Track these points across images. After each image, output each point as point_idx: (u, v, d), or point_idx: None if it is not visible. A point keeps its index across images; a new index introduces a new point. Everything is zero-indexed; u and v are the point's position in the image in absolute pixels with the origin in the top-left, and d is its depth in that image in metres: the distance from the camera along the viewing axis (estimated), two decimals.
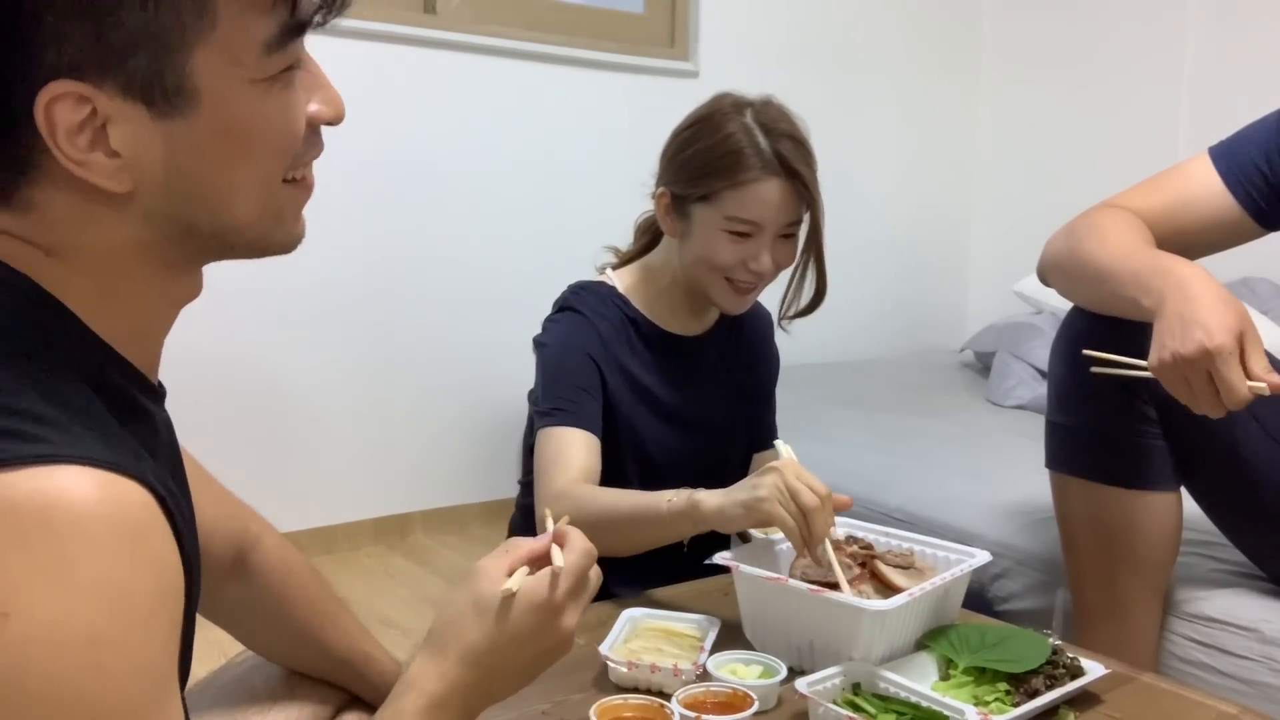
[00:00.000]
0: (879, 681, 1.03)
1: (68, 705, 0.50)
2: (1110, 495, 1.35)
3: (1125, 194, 1.39)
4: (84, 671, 0.50)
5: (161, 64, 0.58)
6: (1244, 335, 1.09)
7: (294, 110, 0.64)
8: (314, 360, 2.66)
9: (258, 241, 0.67)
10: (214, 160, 0.61)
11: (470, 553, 2.71)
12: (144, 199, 0.61)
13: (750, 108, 1.40)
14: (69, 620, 0.50)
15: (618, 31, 3.11)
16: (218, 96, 0.60)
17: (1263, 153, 1.32)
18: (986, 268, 3.92)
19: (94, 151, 0.58)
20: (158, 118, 0.59)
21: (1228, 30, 3.20)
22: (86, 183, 0.59)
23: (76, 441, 0.54)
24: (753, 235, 1.38)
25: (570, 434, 1.35)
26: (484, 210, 2.87)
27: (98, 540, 0.51)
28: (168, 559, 0.56)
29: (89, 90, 0.57)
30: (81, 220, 0.60)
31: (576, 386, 1.39)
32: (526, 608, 0.74)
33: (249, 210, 0.64)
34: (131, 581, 0.53)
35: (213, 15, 0.58)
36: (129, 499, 0.54)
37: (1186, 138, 3.26)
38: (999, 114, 3.87)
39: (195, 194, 0.62)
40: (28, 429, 0.52)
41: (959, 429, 2.47)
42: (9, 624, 0.49)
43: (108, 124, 0.58)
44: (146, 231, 0.62)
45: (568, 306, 1.47)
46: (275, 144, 0.64)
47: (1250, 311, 3.01)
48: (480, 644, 0.73)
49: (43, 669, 0.49)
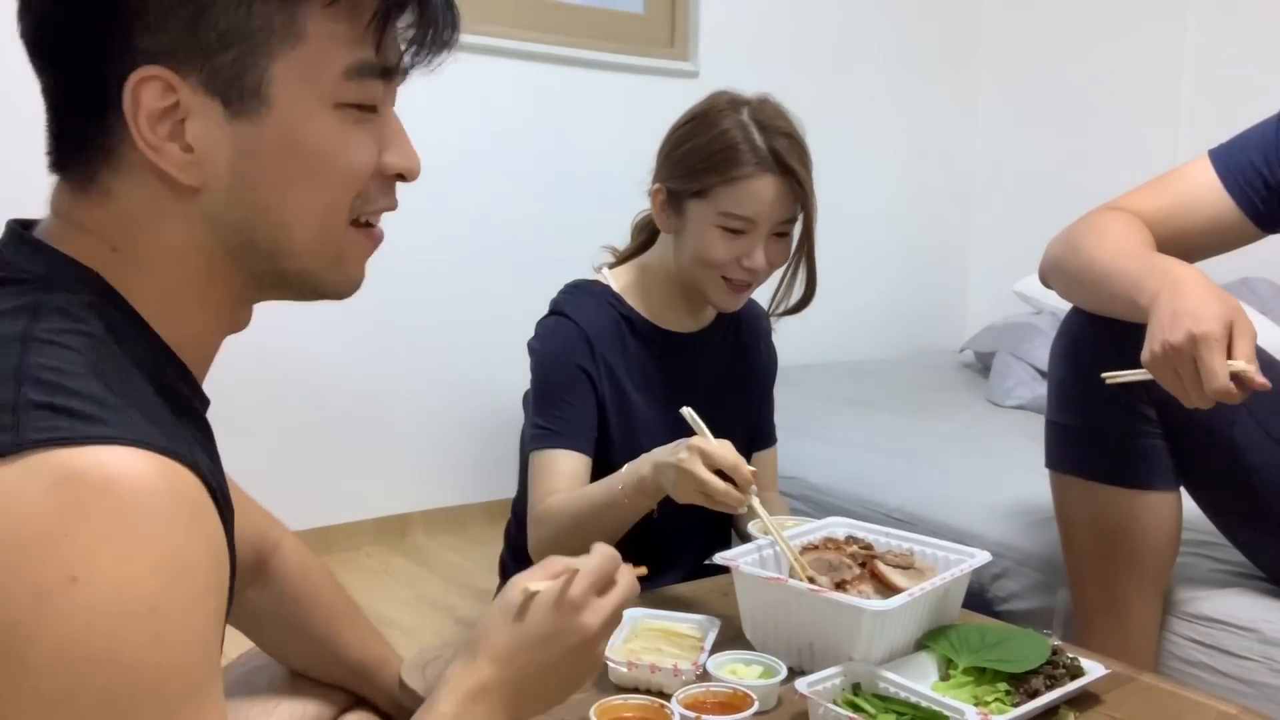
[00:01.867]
0: (879, 681, 1.03)
1: (128, 669, 0.52)
2: (1110, 495, 1.35)
3: (1127, 196, 1.39)
4: (144, 638, 0.53)
5: (245, 65, 0.61)
6: (1233, 325, 1.09)
7: (361, 147, 0.66)
8: (313, 360, 2.66)
9: (312, 276, 0.69)
10: (277, 173, 0.64)
11: (470, 553, 2.71)
12: (208, 200, 0.64)
13: (747, 105, 1.40)
14: (132, 588, 0.52)
15: (617, 31, 3.11)
16: (289, 107, 0.63)
17: (1262, 155, 1.32)
18: (986, 268, 3.91)
19: (170, 142, 0.62)
20: (231, 117, 0.62)
21: (1228, 31, 3.20)
22: (159, 176, 0.62)
23: (136, 427, 0.56)
24: (747, 232, 1.38)
25: (555, 456, 1.40)
26: (484, 210, 2.87)
27: (159, 515, 0.54)
28: (220, 541, 0.59)
29: (175, 79, 0.60)
30: (150, 215, 0.63)
31: (564, 401, 1.42)
32: (545, 605, 0.77)
33: (308, 238, 0.67)
34: (190, 556, 0.55)
35: (301, 31, 0.62)
36: (185, 481, 0.56)
37: (1186, 138, 3.26)
38: (999, 114, 3.87)
39: (256, 204, 0.64)
40: (91, 411, 0.55)
41: (959, 429, 2.46)
42: (76, 589, 0.51)
43: (186, 119, 0.61)
44: (208, 237, 0.65)
45: (559, 310, 1.48)
46: (338, 174, 0.66)
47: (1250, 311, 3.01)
48: (506, 642, 0.76)
49: (106, 633, 0.52)
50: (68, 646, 0.51)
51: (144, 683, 0.53)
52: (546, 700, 0.79)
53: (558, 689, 0.79)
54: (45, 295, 0.60)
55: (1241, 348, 1.09)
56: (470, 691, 0.74)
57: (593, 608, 0.78)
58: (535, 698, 0.77)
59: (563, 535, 1.35)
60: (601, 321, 1.46)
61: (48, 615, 0.51)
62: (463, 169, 2.82)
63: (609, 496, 1.29)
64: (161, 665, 0.54)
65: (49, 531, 0.51)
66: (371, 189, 0.69)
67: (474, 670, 0.75)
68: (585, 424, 1.42)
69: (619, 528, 1.32)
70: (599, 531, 1.31)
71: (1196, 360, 1.08)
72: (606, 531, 1.32)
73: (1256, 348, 1.38)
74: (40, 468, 0.52)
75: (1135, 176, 1.44)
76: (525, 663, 0.76)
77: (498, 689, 0.74)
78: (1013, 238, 3.75)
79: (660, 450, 1.24)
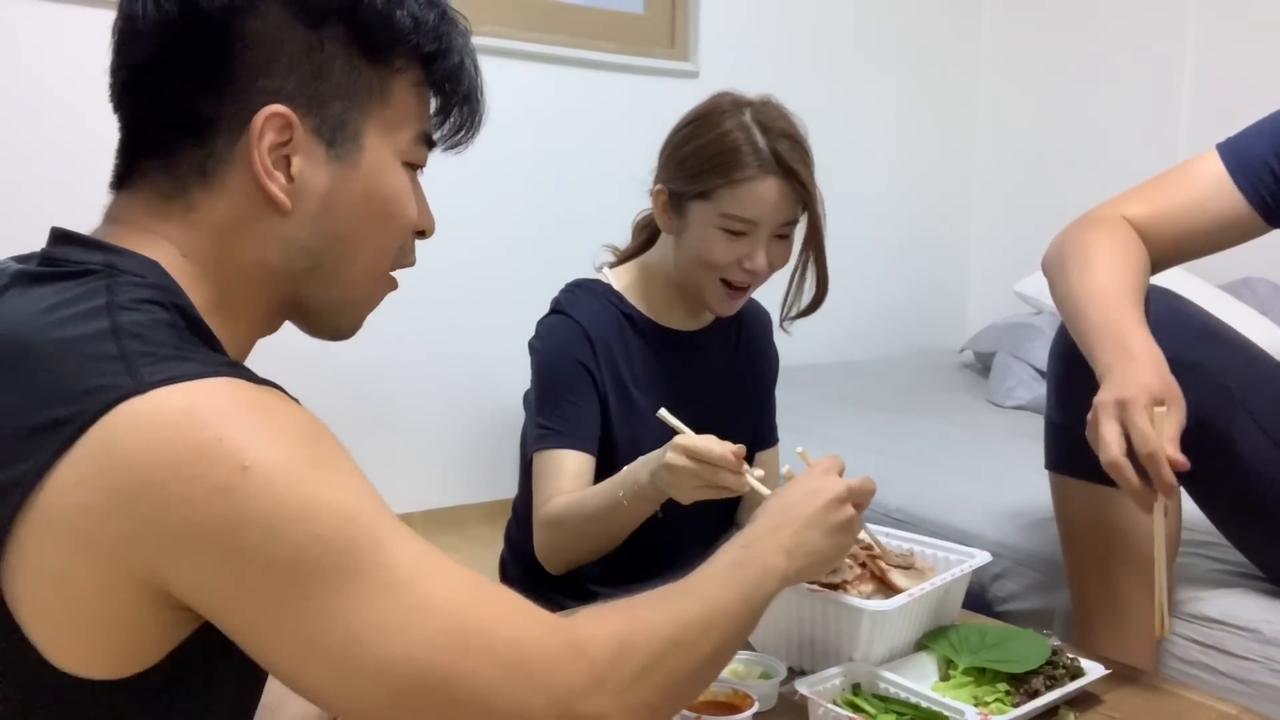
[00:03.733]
0: (879, 682, 1.03)
1: (324, 510, 0.62)
2: (1110, 495, 1.35)
3: (1133, 192, 1.39)
4: (321, 486, 0.62)
5: (350, 116, 0.74)
6: (1166, 400, 1.12)
7: (414, 203, 0.80)
8: (313, 360, 2.65)
9: (342, 308, 0.81)
10: (358, 212, 0.76)
11: (470, 553, 2.70)
12: (292, 225, 0.74)
13: (749, 107, 1.40)
14: (292, 458, 0.62)
15: (617, 31, 3.11)
16: (375, 156, 0.76)
17: (1273, 149, 1.32)
18: (986, 268, 3.91)
19: (277, 170, 0.72)
20: (333, 159, 0.74)
21: (1228, 28, 3.20)
22: (252, 198, 0.72)
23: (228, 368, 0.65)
24: (748, 234, 1.38)
25: (559, 457, 1.40)
26: (484, 210, 2.87)
27: (281, 406, 0.65)
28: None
29: (294, 119, 0.72)
30: (233, 230, 0.73)
31: (566, 400, 1.42)
32: (800, 477, 1.00)
33: (359, 272, 0.79)
34: (316, 426, 0.66)
35: (390, 98, 0.76)
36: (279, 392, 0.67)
37: (1186, 136, 3.26)
38: (999, 114, 3.87)
39: (335, 234, 0.76)
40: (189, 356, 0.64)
41: (959, 429, 2.46)
42: (251, 474, 0.60)
43: (294, 155, 0.73)
44: (281, 256, 0.75)
45: (560, 309, 1.47)
46: (399, 221, 0.79)
47: (1250, 311, 2.99)
48: (773, 503, 0.96)
49: (292, 494, 0.61)
50: (270, 517, 0.60)
51: (343, 516, 0.62)
52: (817, 552, 0.94)
53: (824, 543, 0.94)
54: (115, 279, 0.67)
55: (1170, 427, 1.12)
56: (748, 540, 0.89)
57: (834, 478, 0.99)
58: (807, 546, 0.92)
59: (568, 540, 1.36)
60: (603, 320, 1.46)
61: (239, 502, 0.60)
62: (463, 169, 2.81)
63: (611, 502, 1.29)
64: (346, 500, 0.63)
65: (203, 440, 0.60)
66: (407, 243, 0.82)
67: (754, 527, 0.92)
68: (588, 423, 1.42)
69: (623, 531, 1.33)
70: (604, 535, 1.35)
71: (1126, 425, 1.11)
72: (611, 535, 1.34)
73: (1258, 348, 1.39)
74: (167, 400, 0.60)
75: (1135, 175, 1.44)
76: (793, 516, 0.93)
77: (773, 534, 0.91)
78: (1013, 238, 3.75)
79: (651, 456, 1.24)
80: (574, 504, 1.35)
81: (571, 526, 1.34)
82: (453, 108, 0.80)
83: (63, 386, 0.61)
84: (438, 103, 0.80)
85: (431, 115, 0.80)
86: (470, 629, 0.65)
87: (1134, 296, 1.26)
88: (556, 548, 1.39)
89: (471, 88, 0.81)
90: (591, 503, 1.33)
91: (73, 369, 0.62)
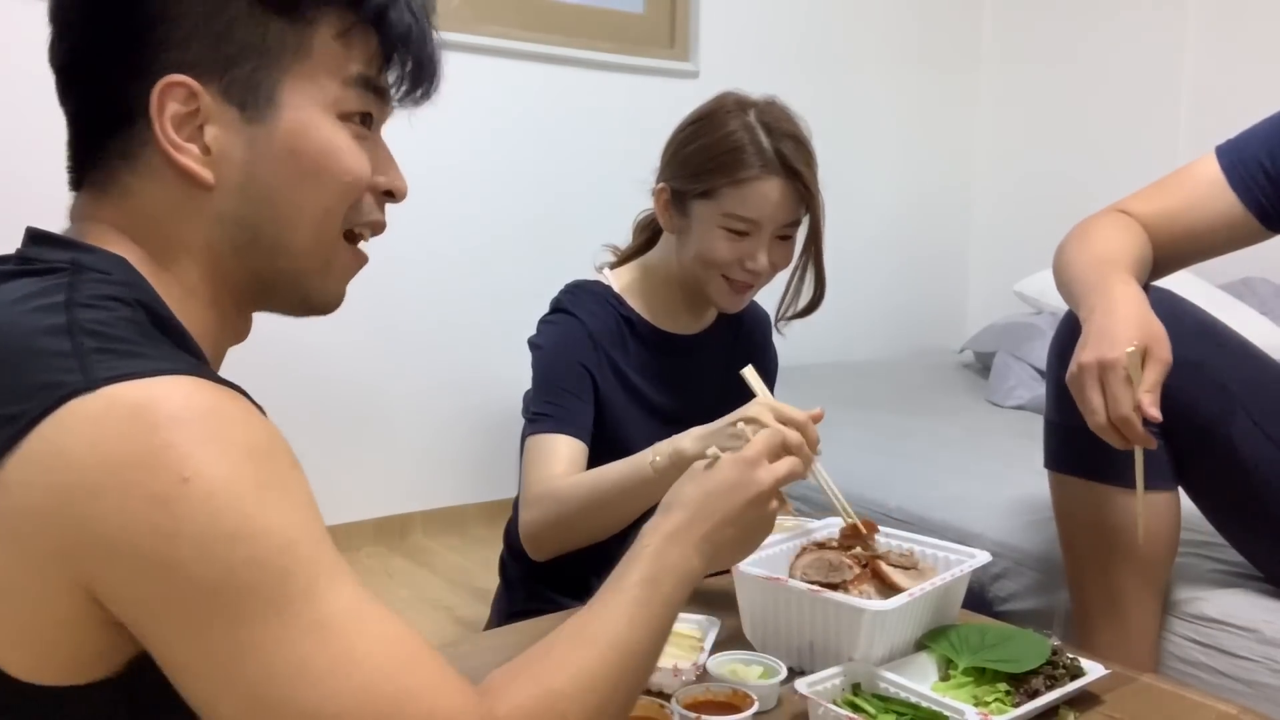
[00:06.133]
0: (879, 682, 1.03)
1: (261, 535, 0.59)
2: (1109, 495, 1.35)
3: (1135, 196, 1.40)
4: (263, 508, 0.60)
5: (260, 75, 0.71)
6: (1148, 352, 1.13)
7: (357, 156, 0.75)
8: (313, 361, 2.66)
9: (303, 279, 0.76)
10: (285, 174, 0.72)
11: (470, 553, 2.71)
12: (221, 198, 0.72)
13: (753, 107, 1.40)
14: (237, 474, 0.59)
15: (617, 31, 3.11)
16: (297, 112, 0.72)
17: (1267, 151, 1.32)
18: (986, 268, 3.92)
19: (191, 143, 0.70)
20: (247, 122, 0.71)
21: (1228, 28, 3.20)
22: (177, 175, 0.70)
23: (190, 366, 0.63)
24: (750, 233, 1.38)
25: (554, 440, 1.36)
26: (484, 209, 2.87)
27: (236, 415, 0.62)
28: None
29: (198, 87, 0.69)
30: (167, 211, 0.71)
31: (565, 391, 1.40)
32: (726, 462, 0.90)
33: (304, 238, 0.74)
34: (271, 443, 0.63)
35: (309, 48, 0.72)
36: (242, 399, 0.64)
37: (1186, 137, 3.26)
38: (999, 114, 3.87)
39: (264, 200, 0.72)
40: (145, 352, 0.62)
41: (959, 429, 2.46)
42: (191, 486, 0.58)
43: (206, 124, 0.70)
44: (218, 234, 0.72)
45: (561, 308, 1.47)
46: (336, 176, 0.74)
47: (1250, 311, 2.98)
48: (694, 493, 0.88)
49: (231, 512, 0.58)
50: (204, 534, 0.58)
51: (280, 544, 0.60)
52: (731, 549, 0.89)
53: (740, 540, 0.90)
54: (78, 276, 0.66)
55: (1148, 376, 1.12)
56: (668, 534, 0.84)
57: (766, 467, 0.91)
58: (722, 544, 0.87)
59: (569, 517, 1.30)
60: (603, 321, 1.46)
61: (175, 513, 0.57)
62: (463, 169, 2.82)
63: (636, 474, 1.24)
64: (286, 527, 0.60)
65: (148, 446, 0.57)
66: (365, 202, 0.77)
67: (669, 517, 0.86)
68: (584, 416, 1.40)
69: (636, 509, 1.27)
70: (613, 514, 1.29)
71: (1104, 385, 1.13)
72: (621, 514, 1.28)
73: (1258, 348, 1.39)
74: (118, 398, 0.58)
75: (1135, 176, 1.44)
76: (711, 510, 0.86)
77: (689, 531, 0.85)
78: (1013, 238, 3.75)
79: (712, 425, 1.21)
80: (583, 479, 1.30)
81: (576, 502, 1.29)
82: (391, 51, 0.75)
83: (15, 384, 0.59)
84: (375, 46, 0.75)
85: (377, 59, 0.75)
86: (389, 694, 0.62)
87: (1126, 261, 1.27)
88: (551, 525, 1.32)
89: (406, 28, 0.75)
90: (609, 476, 1.27)
91: (26, 366, 0.60)
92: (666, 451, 1.23)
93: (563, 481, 1.32)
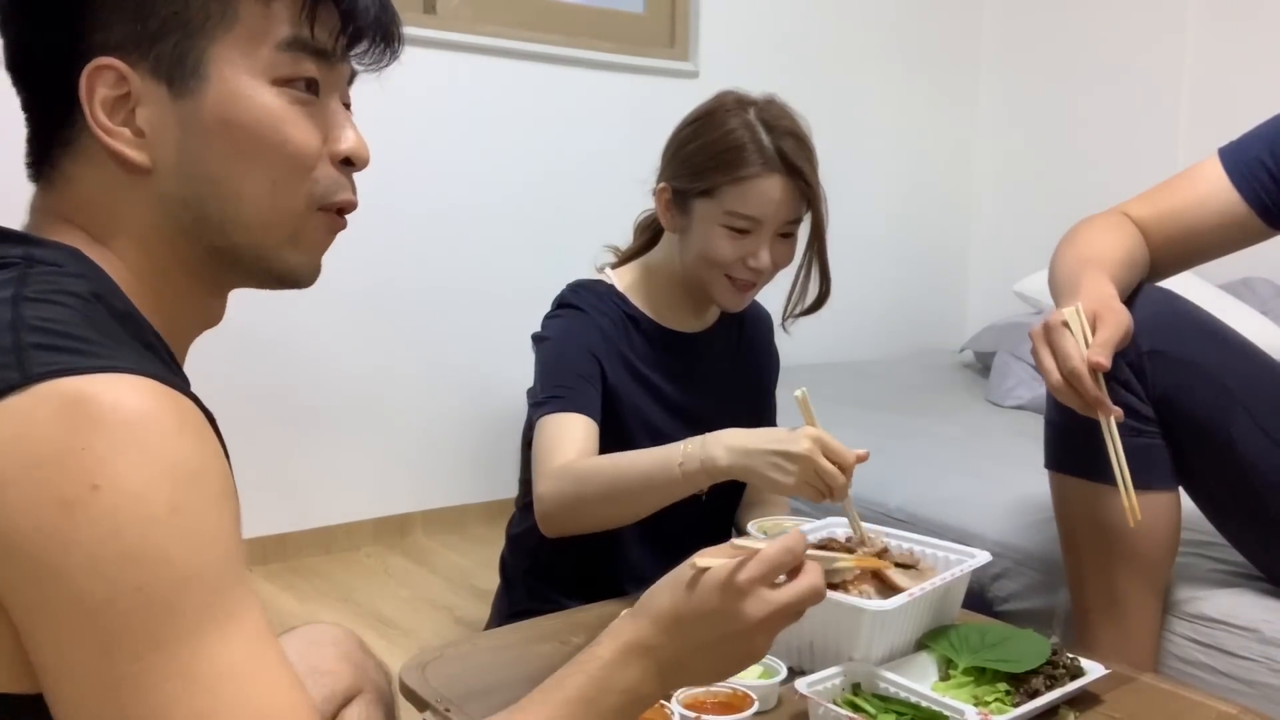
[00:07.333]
0: (879, 681, 1.03)
1: (159, 564, 0.55)
2: (1110, 495, 1.35)
3: (1140, 197, 1.40)
4: (170, 536, 0.56)
5: (185, 48, 0.68)
6: (1095, 314, 1.16)
7: (300, 125, 0.71)
8: (313, 360, 2.66)
9: (266, 253, 0.73)
10: (221, 148, 0.69)
11: (470, 553, 2.71)
12: (160, 180, 0.69)
13: (754, 105, 1.40)
14: (151, 491, 0.56)
15: (618, 31, 3.11)
16: (227, 82, 0.69)
17: (1268, 148, 1.32)
18: (986, 268, 3.91)
19: (123, 126, 0.68)
20: (176, 98, 0.68)
21: (1228, 28, 3.20)
22: (114, 159, 0.68)
23: (134, 362, 0.59)
24: (752, 232, 1.38)
25: (569, 419, 1.34)
26: (484, 209, 2.87)
27: (168, 427, 0.57)
28: (225, 460, 0.62)
29: (126, 69, 0.67)
30: (109, 198, 0.69)
31: (576, 375, 1.39)
32: (712, 583, 0.74)
33: (258, 211, 0.71)
34: (200, 463, 0.59)
35: (235, 14, 0.69)
36: (186, 403, 0.60)
37: (1186, 137, 3.26)
38: (999, 114, 3.87)
39: (204, 177, 0.69)
40: (89, 349, 0.58)
41: (959, 429, 2.46)
42: (99, 495, 0.54)
43: (137, 106, 0.68)
44: (163, 216, 0.70)
45: (567, 304, 1.47)
46: (277, 147, 0.70)
47: (1250, 311, 2.98)
48: (668, 610, 0.75)
49: (133, 533, 0.55)
50: (99, 549, 0.54)
51: (177, 577, 0.56)
52: (698, 678, 0.80)
53: (710, 670, 0.78)
54: (29, 269, 0.64)
55: (1100, 333, 1.15)
56: (629, 645, 0.74)
57: (758, 597, 0.74)
58: (689, 670, 0.77)
59: (588, 498, 1.27)
60: (609, 317, 1.46)
61: (77, 521, 0.54)
62: (463, 169, 2.82)
63: (663, 471, 1.23)
64: (189, 561, 0.56)
65: (67, 446, 0.55)
66: (325, 175, 0.73)
67: (637, 628, 0.75)
68: (594, 401, 1.38)
69: (657, 504, 1.27)
70: (633, 504, 1.28)
71: (1052, 346, 1.16)
72: (641, 506, 1.28)
73: (1258, 348, 1.38)
74: (49, 394, 0.56)
75: (1135, 176, 1.45)
76: (684, 636, 0.75)
77: (653, 652, 0.74)
78: (1013, 238, 3.75)
79: (751, 435, 1.21)
80: (607, 462, 1.29)
81: (599, 484, 1.26)
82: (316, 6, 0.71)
83: None
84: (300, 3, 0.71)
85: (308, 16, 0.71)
86: None
87: (1108, 261, 1.29)
88: (570, 503, 1.28)
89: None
90: (634, 466, 1.26)
91: None
92: (697, 456, 1.21)
93: (585, 461, 1.29)
